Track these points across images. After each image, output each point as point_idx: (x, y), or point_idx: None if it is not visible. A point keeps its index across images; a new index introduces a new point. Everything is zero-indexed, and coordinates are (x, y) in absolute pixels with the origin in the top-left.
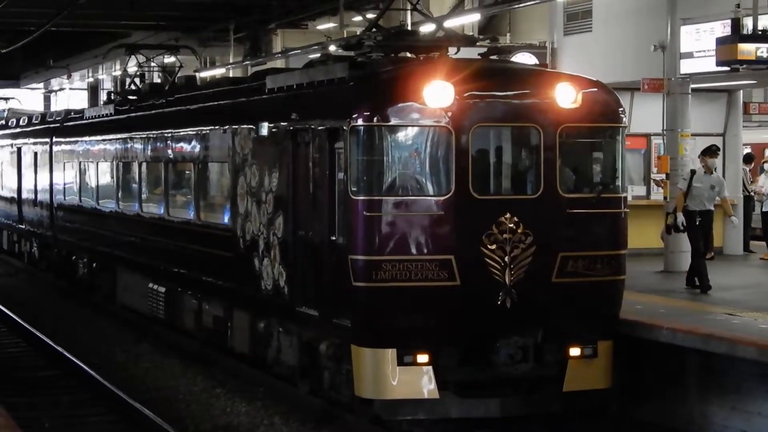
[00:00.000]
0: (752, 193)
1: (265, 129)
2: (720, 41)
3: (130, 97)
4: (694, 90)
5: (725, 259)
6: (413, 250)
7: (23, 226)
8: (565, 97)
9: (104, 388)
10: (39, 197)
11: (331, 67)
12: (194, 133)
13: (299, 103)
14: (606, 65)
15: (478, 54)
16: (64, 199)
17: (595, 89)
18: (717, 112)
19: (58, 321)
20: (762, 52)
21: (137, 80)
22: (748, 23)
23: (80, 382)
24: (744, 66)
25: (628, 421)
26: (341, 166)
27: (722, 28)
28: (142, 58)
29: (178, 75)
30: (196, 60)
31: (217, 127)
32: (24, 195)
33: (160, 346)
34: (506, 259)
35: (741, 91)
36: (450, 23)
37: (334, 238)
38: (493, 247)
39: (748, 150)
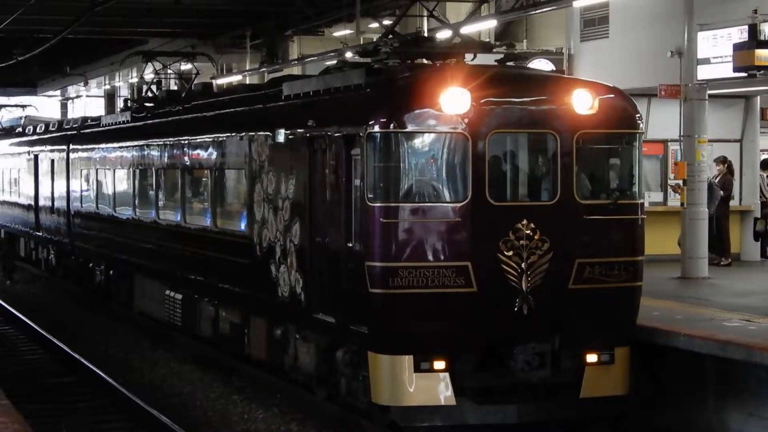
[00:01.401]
0: None
1: (281, 136)
2: (737, 47)
3: (147, 105)
4: (711, 96)
5: (742, 265)
6: (430, 257)
7: (40, 234)
8: (582, 103)
9: (121, 394)
10: (56, 204)
11: (348, 73)
12: (211, 140)
13: (316, 110)
14: (623, 71)
15: (495, 60)
16: (81, 206)
17: (612, 95)
18: (734, 118)
19: (75, 328)
20: None
21: (153, 87)
22: (765, 29)
23: (97, 388)
24: (761, 72)
25: (645, 428)
26: (358, 172)
27: (739, 33)
28: (158, 66)
29: (195, 82)
30: (213, 67)
31: (233, 134)
32: (41, 202)
33: (176, 353)
34: (523, 265)
35: (758, 97)
36: (466, 30)
37: (350, 244)
38: (510, 253)
39: (765, 156)
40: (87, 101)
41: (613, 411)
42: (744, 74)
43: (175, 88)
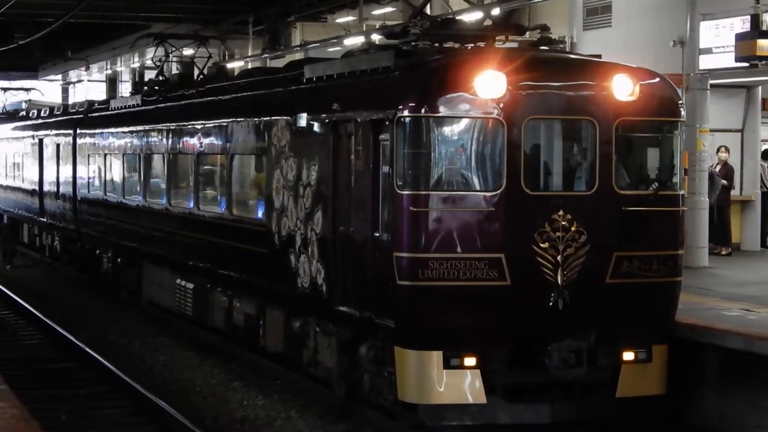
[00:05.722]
0: None
1: (303, 120)
2: (739, 37)
3: (158, 88)
4: (713, 86)
5: (742, 254)
6: (461, 248)
7: (45, 219)
8: (623, 89)
9: (122, 380)
10: (61, 190)
11: (376, 55)
12: (227, 124)
13: (341, 94)
14: (625, 60)
15: (528, 44)
16: (88, 192)
17: (654, 81)
18: (736, 108)
19: (77, 314)
20: None
21: (162, 71)
22: (767, 19)
23: (98, 374)
24: (763, 62)
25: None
26: (386, 159)
27: (742, 23)
28: (168, 48)
29: (208, 65)
30: (218, 52)
31: (251, 119)
32: (46, 187)
33: (178, 339)
34: (559, 258)
35: (760, 87)
36: (469, 17)
37: (377, 234)
38: (545, 245)
39: (766, 146)
40: (89, 86)
41: (650, 411)
42: (746, 64)
43: (178, 71)
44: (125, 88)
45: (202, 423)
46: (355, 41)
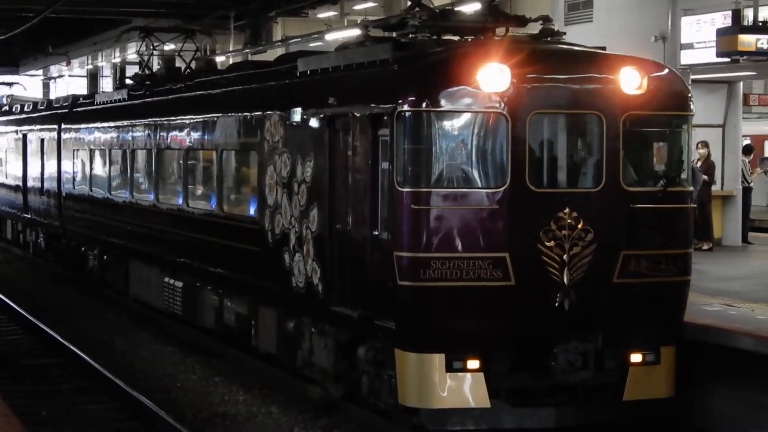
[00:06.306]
0: (751, 184)
1: (297, 115)
2: (720, 32)
3: (146, 82)
4: (694, 81)
5: (724, 250)
6: (464, 247)
7: (29, 215)
8: (630, 82)
9: (103, 376)
10: (46, 186)
11: (373, 48)
12: (217, 119)
13: (337, 87)
14: None
15: (528, 36)
16: (74, 188)
17: (662, 74)
18: (717, 103)
19: (59, 310)
20: (762, 43)
21: (145, 65)
22: (748, 14)
23: (79, 370)
24: (744, 57)
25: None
26: (385, 155)
27: (723, 19)
28: (153, 42)
29: (194, 59)
30: (201, 45)
31: (243, 113)
32: (30, 183)
33: (160, 336)
34: (565, 257)
35: (741, 83)
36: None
37: (376, 232)
38: (551, 244)
39: (747, 141)
40: (70, 81)
41: (659, 414)
42: (727, 59)
43: (161, 66)
44: (107, 83)
45: (183, 418)
46: (336, 36)
